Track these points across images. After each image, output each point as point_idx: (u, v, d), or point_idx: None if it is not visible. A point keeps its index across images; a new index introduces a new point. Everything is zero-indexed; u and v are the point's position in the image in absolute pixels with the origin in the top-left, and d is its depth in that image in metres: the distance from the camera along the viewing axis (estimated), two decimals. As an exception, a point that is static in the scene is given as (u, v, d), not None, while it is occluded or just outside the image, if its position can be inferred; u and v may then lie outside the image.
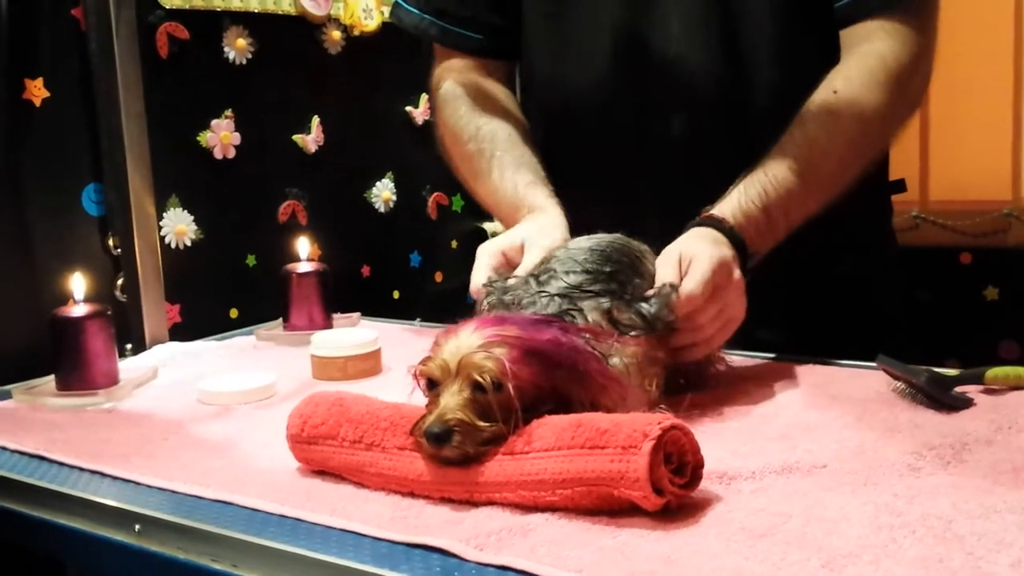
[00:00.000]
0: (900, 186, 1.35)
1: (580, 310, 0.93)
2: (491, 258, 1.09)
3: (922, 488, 0.78)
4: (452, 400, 0.81)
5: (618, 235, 1.05)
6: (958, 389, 0.99)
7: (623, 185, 1.27)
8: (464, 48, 1.37)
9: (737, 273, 1.04)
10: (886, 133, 1.21)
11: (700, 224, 1.07)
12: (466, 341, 0.82)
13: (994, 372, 1.00)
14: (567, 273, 0.97)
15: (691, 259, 1.01)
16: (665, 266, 1.02)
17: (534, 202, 1.19)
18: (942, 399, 0.97)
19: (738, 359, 1.16)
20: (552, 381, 0.83)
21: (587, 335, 0.88)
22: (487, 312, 0.99)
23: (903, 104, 1.19)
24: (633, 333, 0.94)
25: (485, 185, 1.27)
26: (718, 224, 1.07)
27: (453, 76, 1.36)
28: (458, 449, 0.80)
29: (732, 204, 1.09)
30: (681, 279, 1.00)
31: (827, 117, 1.13)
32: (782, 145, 1.13)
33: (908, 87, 1.17)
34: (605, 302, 0.95)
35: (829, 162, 1.14)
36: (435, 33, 1.37)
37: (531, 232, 1.12)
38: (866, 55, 1.16)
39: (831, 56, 1.18)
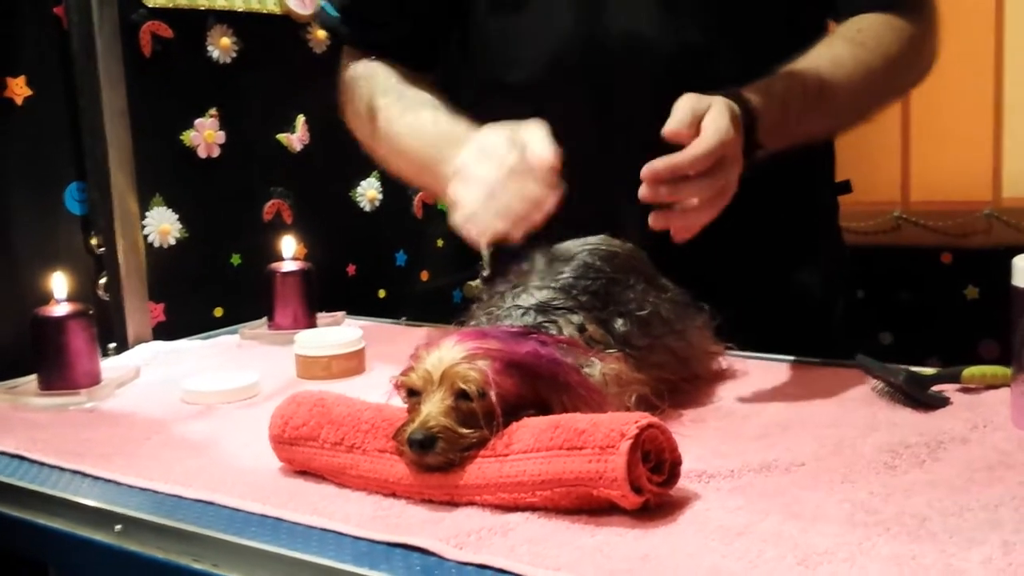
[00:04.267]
0: (846, 187, 1.36)
1: (555, 322, 0.94)
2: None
3: (898, 486, 0.79)
4: (435, 407, 0.81)
5: (602, 238, 1.05)
6: (935, 388, 1.00)
7: (584, 162, 1.24)
8: (376, 47, 1.33)
9: (737, 161, 0.99)
10: (899, 83, 1.24)
11: (726, 94, 1.03)
12: (448, 353, 0.83)
13: (971, 371, 1.01)
14: (540, 288, 0.97)
15: (707, 125, 0.96)
16: (684, 114, 0.96)
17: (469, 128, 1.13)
18: (919, 398, 0.98)
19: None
20: (534, 392, 0.84)
21: (565, 346, 0.89)
22: (476, 314, 1.00)
23: (916, 64, 1.22)
24: (610, 351, 0.94)
25: (415, 128, 1.20)
26: (743, 101, 1.03)
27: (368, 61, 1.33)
28: (441, 456, 0.80)
29: (758, 91, 1.07)
30: (694, 131, 0.96)
31: (854, 47, 1.15)
32: (808, 57, 1.13)
33: (921, 51, 1.21)
34: (577, 318, 0.95)
35: (847, 86, 1.13)
36: (346, 33, 1.35)
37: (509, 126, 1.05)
38: (880, 17, 1.18)
39: (800, 42, 1.17)
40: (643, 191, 0.95)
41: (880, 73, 1.17)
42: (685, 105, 0.97)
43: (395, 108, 1.25)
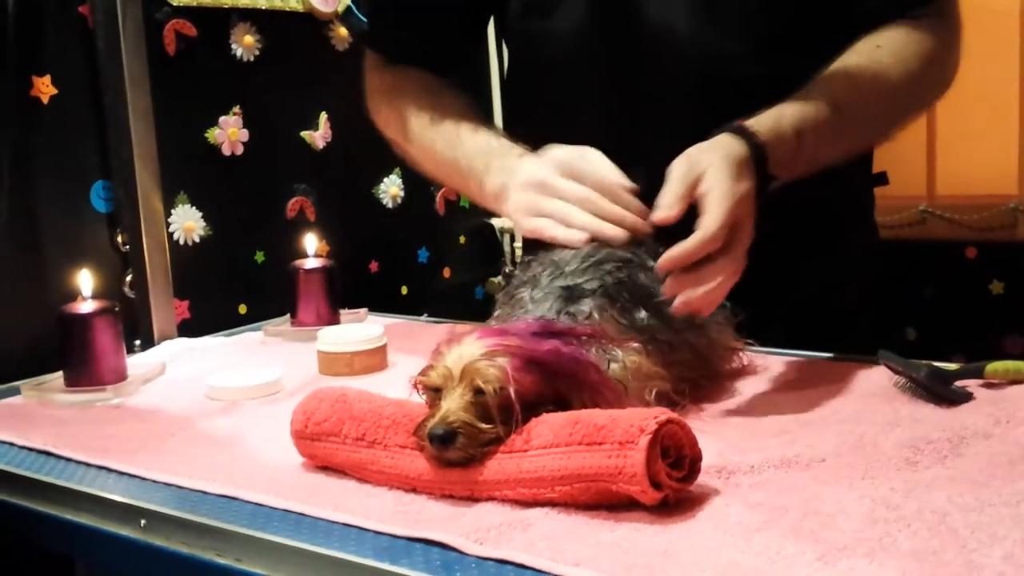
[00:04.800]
0: (882, 179, 1.35)
1: (573, 313, 0.94)
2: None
3: (919, 482, 0.79)
4: (454, 403, 0.82)
5: None
6: (958, 383, 0.99)
7: (594, 141, 1.24)
8: (404, 53, 1.34)
9: (749, 216, 0.96)
10: (919, 100, 1.20)
11: (733, 131, 1.01)
12: (468, 350, 0.83)
13: (994, 366, 1.00)
14: (564, 274, 0.98)
15: (710, 190, 0.93)
16: (678, 186, 0.95)
17: (524, 149, 1.16)
18: (942, 393, 0.97)
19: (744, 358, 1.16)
20: (553, 389, 0.84)
21: (586, 337, 0.89)
22: (501, 302, 1.01)
23: (938, 77, 1.19)
24: (634, 345, 0.94)
25: (453, 137, 1.22)
26: (749, 136, 1.00)
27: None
28: (461, 451, 0.81)
29: (768, 121, 1.03)
30: (688, 202, 0.94)
31: (869, 64, 1.11)
32: (823, 80, 1.10)
33: (944, 64, 1.18)
34: (600, 304, 0.95)
35: (866, 107, 1.11)
36: (373, 39, 1.35)
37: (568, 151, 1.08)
38: (908, 26, 1.16)
39: (818, 40, 1.16)
40: (666, 286, 0.94)
41: (900, 89, 1.14)
42: (677, 174, 0.96)
43: (434, 113, 1.25)
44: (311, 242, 1.54)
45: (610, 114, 1.24)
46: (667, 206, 0.95)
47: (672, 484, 0.75)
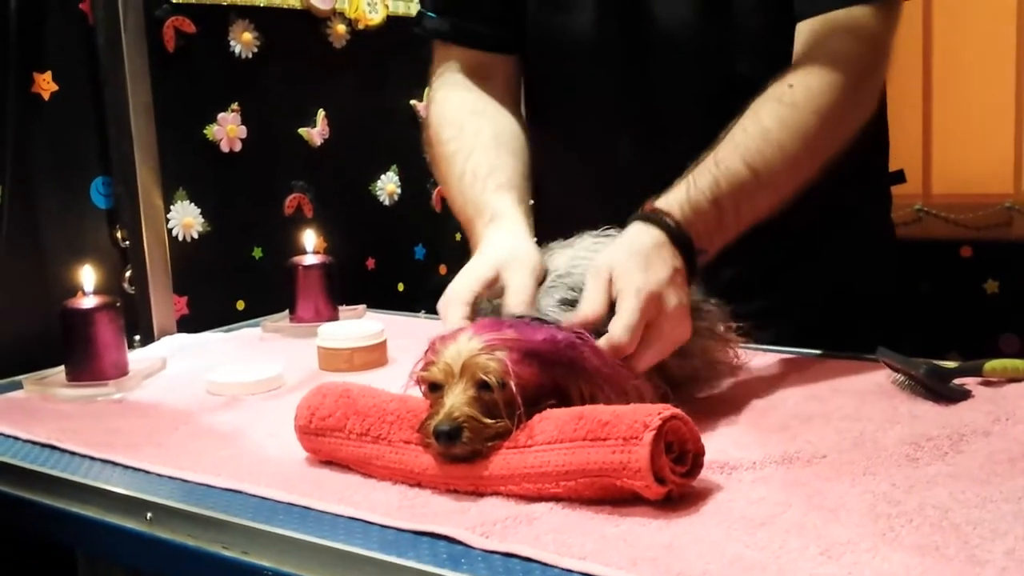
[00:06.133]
0: (899, 177, 1.36)
1: (572, 302, 0.94)
2: (466, 304, 1.00)
3: (920, 478, 0.80)
4: (458, 399, 0.82)
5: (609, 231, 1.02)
6: (957, 381, 1.00)
7: (606, 134, 1.27)
8: (466, 42, 1.33)
9: (673, 299, 0.94)
10: (841, 132, 1.13)
11: (644, 219, 0.99)
12: (466, 345, 0.84)
13: (992, 365, 1.01)
14: (557, 298, 0.97)
15: (620, 290, 0.93)
16: (594, 291, 0.94)
17: (496, 208, 1.12)
18: (941, 391, 0.98)
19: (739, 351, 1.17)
20: (552, 377, 0.85)
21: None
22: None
23: (860, 104, 1.14)
24: None
25: (457, 185, 1.20)
26: (663, 220, 0.98)
27: (449, 75, 1.33)
28: (468, 446, 0.81)
29: (680, 196, 1.01)
30: (608, 306, 0.93)
31: (782, 109, 1.08)
32: (733, 135, 1.06)
33: (866, 86, 1.14)
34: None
35: (782, 157, 1.06)
36: (445, 29, 1.33)
37: (500, 259, 1.03)
38: (824, 52, 1.11)
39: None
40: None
41: (816, 131, 1.08)
42: (589, 281, 0.95)
43: (452, 146, 1.23)
44: (310, 238, 1.55)
45: (624, 105, 1.25)
46: (582, 314, 0.93)
47: (676, 479, 0.76)
